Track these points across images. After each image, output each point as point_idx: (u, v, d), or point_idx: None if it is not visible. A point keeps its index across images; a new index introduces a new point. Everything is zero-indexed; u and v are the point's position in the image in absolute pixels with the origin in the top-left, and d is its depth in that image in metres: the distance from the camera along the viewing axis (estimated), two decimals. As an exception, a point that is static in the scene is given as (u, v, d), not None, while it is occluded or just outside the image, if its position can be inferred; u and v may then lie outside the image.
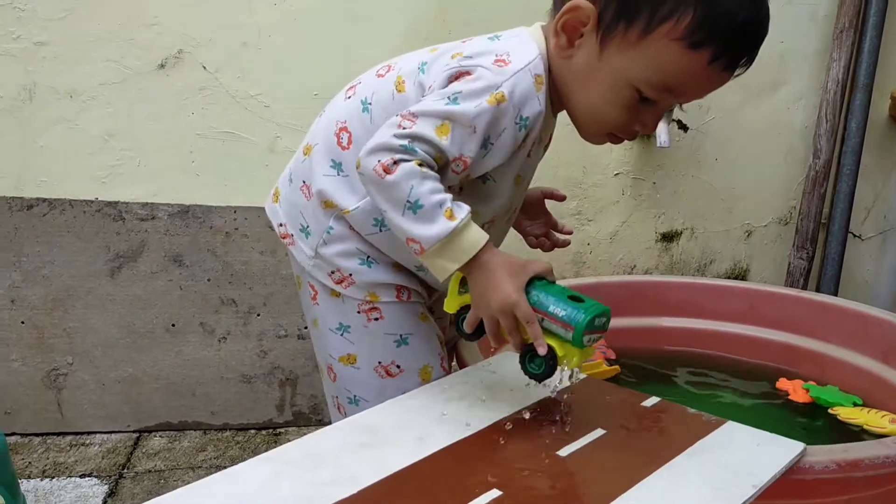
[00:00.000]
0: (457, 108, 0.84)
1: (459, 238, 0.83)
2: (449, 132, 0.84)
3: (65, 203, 1.54)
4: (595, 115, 0.91)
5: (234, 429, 1.68)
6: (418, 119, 0.84)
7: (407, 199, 0.82)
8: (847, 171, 1.83)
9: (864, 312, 1.41)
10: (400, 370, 1.01)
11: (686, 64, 0.83)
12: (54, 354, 1.59)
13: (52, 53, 1.49)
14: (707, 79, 0.86)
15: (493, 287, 0.84)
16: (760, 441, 0.80)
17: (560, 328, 0.81)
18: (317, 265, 1.01)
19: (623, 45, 0.84)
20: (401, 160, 0.82)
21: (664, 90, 0.86)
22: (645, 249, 1.84)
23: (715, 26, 0.82)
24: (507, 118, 0.86)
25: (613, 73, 0.86)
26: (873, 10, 1.76)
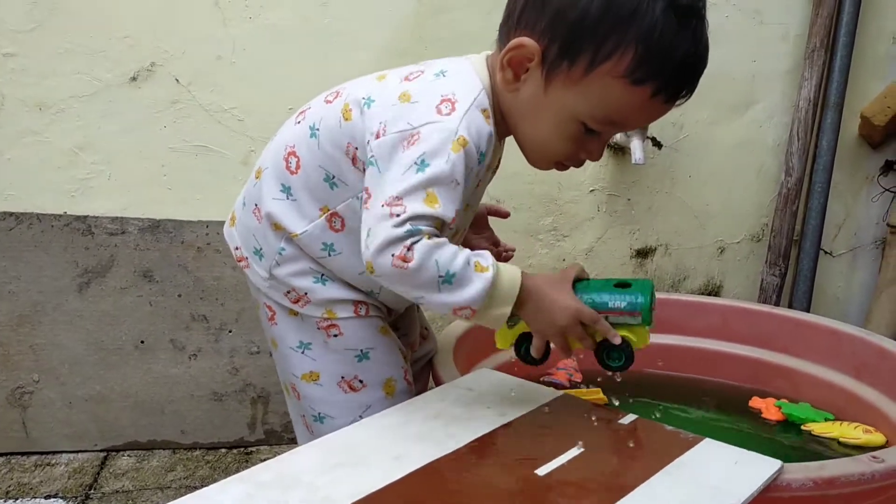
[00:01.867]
0: (433, 173, 0.83)
1: (500, 283, 0.85)
2: (438, 198, 0.83)
3: (32, 217, 1.51)
4: (542, 146, 0.93)
5: (205, 448, 1.65)
6: (405, 201, 0.83)
7: (438, 275, 0.82)
8: (818, 188, 1.85)
9: (836, 328, 1.42)
10: (363, 384, 1.02)
11: (629, 99, 0.85)
12: (20, 372, 1.55)
13: (21, 65, 1.46)
14: (649, 110, 0.88)
15: (549, 308, 0.88)
16: (738, 459, 0.80)
17: (626, 317, 0.88)
18: (272, 286, 1.02)
19: (567, 82, 0.86)
20: (412, 244, 0.81)
21: (608, 123, 0.89)
22: (620, 265, 1.84)
23: (656, 63, 0.83)
24: (472, 158, 0.86)
25: (559, 108, 0.88)
26: (844, 30, 1.78)
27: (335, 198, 0.95)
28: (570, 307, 0.87)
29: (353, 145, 0.92)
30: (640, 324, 0.89)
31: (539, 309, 0.88)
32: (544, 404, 0.93)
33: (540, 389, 0.99)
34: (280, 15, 1.54)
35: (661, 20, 0.82)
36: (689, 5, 0.84)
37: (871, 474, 0.85)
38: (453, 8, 1.61)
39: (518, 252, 1.72)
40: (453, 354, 1.20)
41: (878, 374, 1.32)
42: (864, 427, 1.25)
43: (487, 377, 1.03)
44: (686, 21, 0.84)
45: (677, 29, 0.83)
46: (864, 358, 1.35)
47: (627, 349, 0.89)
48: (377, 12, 1.58)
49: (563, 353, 0.91)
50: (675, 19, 0.82)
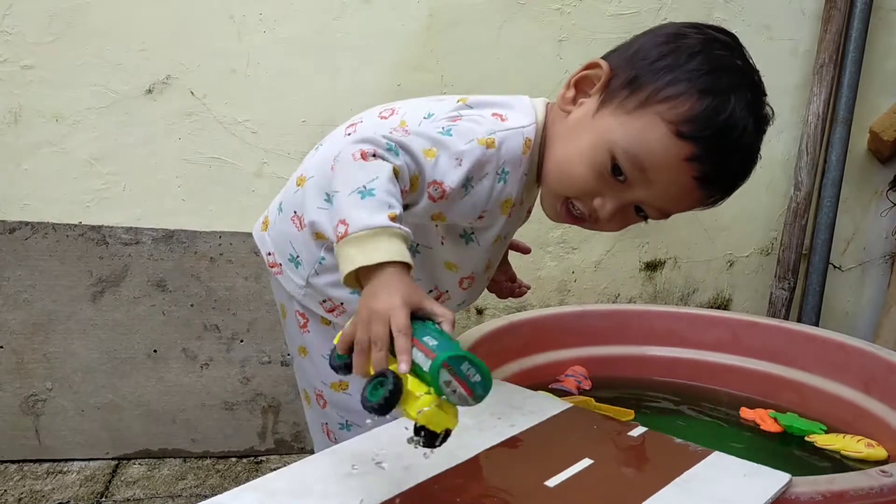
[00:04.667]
0: (448, 139, 0.85)
1: (384, 240, 0.75)
2: (434, 156, 0.84)
3: (48, 227, 1.53)
4: (563, 169, 0.90)
5: (215, 457, 1.66)
6: (410, 135, 0.84)
7: (364, 184, 0.77)
8: (827, 203, 1.86)
9: (845, 343, 1.42)
10: None
11: (666, 149, 0.83)
12: (33, 380, 1.57)
13: (39, 77, 1.48)
14: (676, 179, 0.85)
15: (381, 290, 0.73)
16: (747, 472, 0.80)
17: (423, 356, 0.68)
18: (308, 294, 1.02)
19: (619, 110, 0.86)
20: (380, 156, 0.79)
21: (636, 167, 0.85)
22: (629, 278, 1.85)
23: (705, 127, 0.82)
24: (490, 165, 0.87)
25: (598, 131, 0.87)
26: (852, 46, 1.79)
27: None
28: (393, 302, 0.71)
29: None
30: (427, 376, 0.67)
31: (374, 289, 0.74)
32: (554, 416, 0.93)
33: (549, 400, 1.00)
34: (294, 29, 1.56)
35: (726, 94, 0.82)
36: (755, 108, 0.85)
37: (881, 488, 0.85)
38: (465, 22, 1.62)
39: (527, 264, 1.74)
40: (463, 366, 1.20)
41: (887, 389, 1.32)
42: (866, 441, 1.25)
43: (497, 388, 1.03)
44: (747, 114, 0.84)
45: (739, 111, 0.83)
46: (872, 372, 1.35)
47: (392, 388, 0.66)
48: (390, 26, 1.60)
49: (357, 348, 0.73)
50: (740, 103, 0.83)
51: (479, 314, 1.76)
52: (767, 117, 0.88)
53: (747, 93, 0.84)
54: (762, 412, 1.37)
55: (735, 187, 0.89)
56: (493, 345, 1.37)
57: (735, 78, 0.84)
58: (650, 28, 0.93)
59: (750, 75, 0.87)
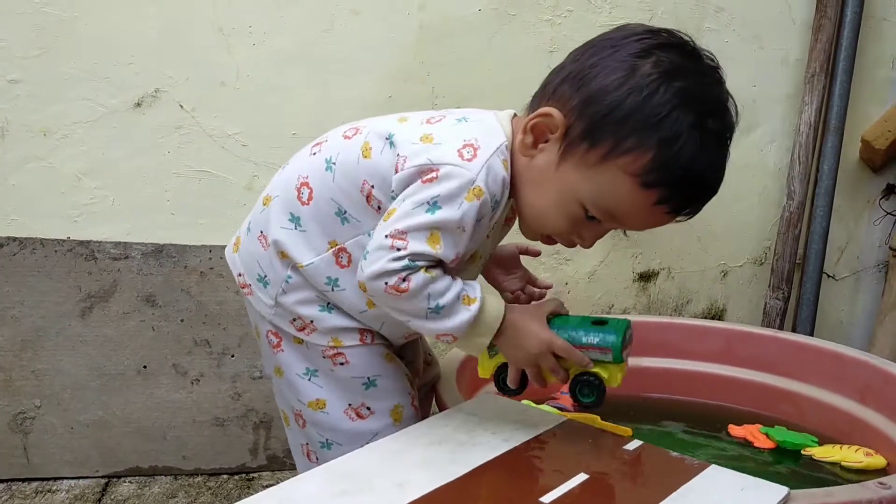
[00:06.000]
0: (442, 217, 0.85)
1: (483, 316, 0.89)
2: (440, 240, 0.86)
3: (35, 242, 1.51)
4: (539, 217, 0.93)
5: (206, 474, 1.64)
6: (408, 237, 0.85)
7: (427, 307, 0.87)
8: (820, 212, 1.86)
9: (839, 352, 1.42)
10: (371, 412, 1.02)
11: (634, 199, 0.86)
12: (21, 397, 1.55)
13: (26, 91, 1.47)
14: (650, 216, 0.89)
15: (524, 338, 0.91)
16: (744, 485, 0.79)
17: (597, 353, 0.90)
18: (277, 313, 1.02)
19: (581, 164, 0.87)
20: (408, 276, 0.86)
21: (608, 214, 0.89)
22: (623, 289, 1.84)
23: (669, 174, 0.84)
24: (486, 207, 0.88)
25: (566, 185, 0.89)
26: (843, 55, 1.80)
27: (345, 233, 0.96)
28: (543, 338, 0.91)
29: (370, 183, 0.92)
30: (612, 361, 0.91)
31: (515, 339, 0.91)
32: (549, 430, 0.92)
33: (544, 415, 0.99)
34: (283, 41, 1.55)
35: (684, 135, 0.83)
36: (716, 130, 0.86)
37: (879, 501, 0.84)
38: (455, 33, 1.62)
39: (521, 276, 1.73)
40: (456, 379, 1.19)
41: (883, 398, 1.32)
42: (864, 450, 1.25)
43: (491, 402, 1.02)
44: (709, 144, 0.85)
45: (699, 148, 0.84)
46: (868, 382, 1.35)
47: (600, 385, 0.92)
48: (380, 38, 1.59)
49: (536, 382, 0.94)
50: (699, 139, 0.84)
51: (473, 327, 1.75)
52: (732, 128, 0.89)
53: (709, 120, 0.85)
54: (752, 428, 1.36)
55: (705, 201, 0.92)
56: (486, 358, 1.36)
57: (695, 108, 0.84)
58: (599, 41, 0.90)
59: (710, 93, 0.88)
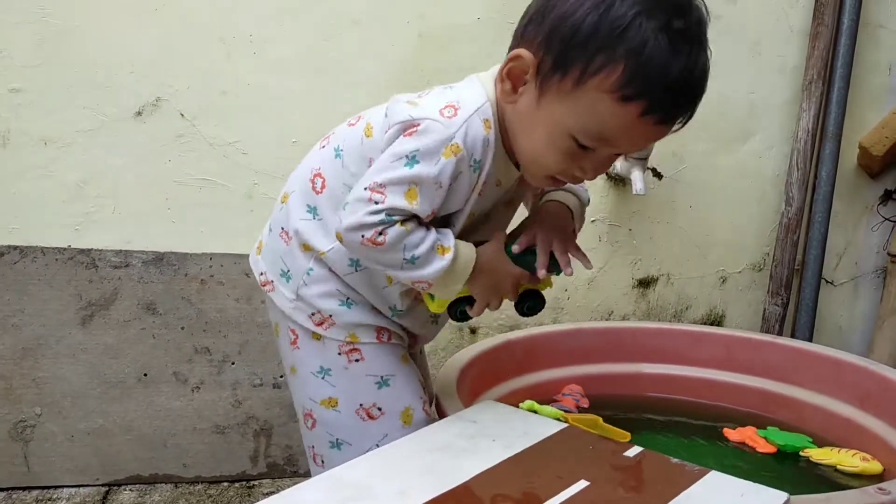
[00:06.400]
0: (419, 172, 0.88)
1: (456, 264, 0.94)
2: (417, 196, 0.89)
3: (36, 251, 1.52)
4: (536, 159, 0.94)
5: (207, 481, 1.64)
6: (387, 191, 0.89)
7: (403, 258, 0.91)
8: (819, 218, 1.86)
9: (838, 358, 1.42)
10: (381, 412, 1.02)
11: (617, 116, 0.85)
12: (22, 405, 1.55)
13: (28, 100, 1.48)
14: (641, 131, 0.88)
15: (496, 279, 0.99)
16: (744, 491, 0.79)
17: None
18: (297, 307, 1.03)
19: (559, 95, 0.87)
20: (384, 229, 0.89)
21: (599, 139, 0.88)
22: (622, 295, 1.85)
23: (645, 81, 0.83)
24: (463, 164, 0.90)
25: (551, 121, 0.89)
26: (840, 62, 1.81)
27: None
28: (514, 275, 1.00)
29: (375, 159, 0.94)
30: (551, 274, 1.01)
31: (488, 282, 0.98)
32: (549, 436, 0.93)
33: (545, 421, 0.99)
34: (283, 50, 1.56)
35: (651, 40, 0.82)
36: (682, 29, 0.84)
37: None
38: (454, 42, 1.63)
39: (520, 283, 1.74)
40: (457, 386, 1.19)
41: (882, 404, 1.32)
42: (861, 455, 1.25)
43: (492, 409, 1.02)
44: (680, 44, 0.83)
45: (669, 50, 0.83)
46: (867, 387, 1.35)
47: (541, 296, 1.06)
48: (380, 47, 1.60)
49: (493, 309, 1.02)
50: (668, 41, 0.82)
51: (473, 333, 1.75)
52: (703, 23, 0.86)
53: (674, 21, 0.83)
54: (749, 432, 1.36)
55: (699, 100, 0.90)
56: (487, 364, 1.36)
57: (657, 12, 0.83)
58: None
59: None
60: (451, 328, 1.73)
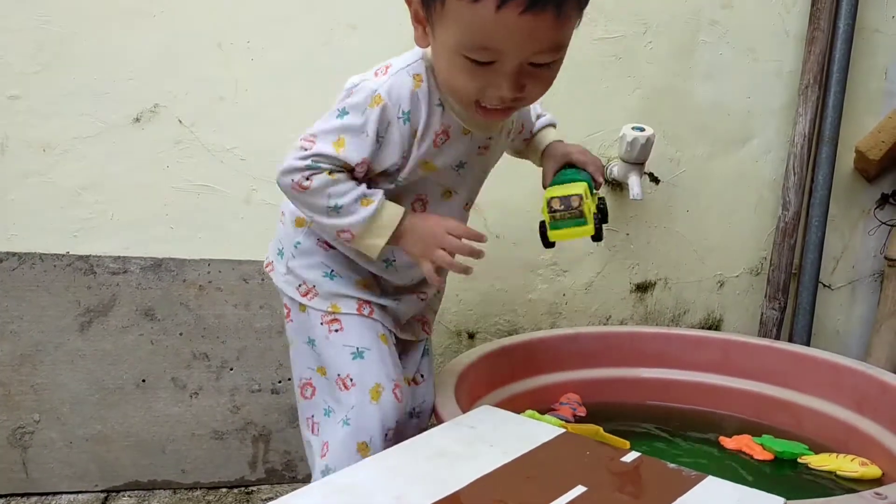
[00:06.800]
0: (347, 122, 0.97)
1: (379, 217, 1.00)
2: (346, 144, 0.97)
3: (35, 257, 1.52)
4: (452, 89, 0.97)
5: (205, 487, 1.64)
6: (317, 139, 0.99)
7: (327, 205, 0.99)
8: (816, 222, 1.86)
9: (836, 362, 1.43)
10: (353, 384, 1.06)
11: (477, 18, 0.85)
12: (20, 412, 1.55)
13: (26, 107, 1.48)
14: (514, 28, 0.85)
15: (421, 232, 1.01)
16: (740, 496, 0.80)
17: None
18: (287, 281, 1.11)
19: (440, 20, 0.90)
20: (311, 175, 0.98)
21: (483, 49, 0.88)
22: (620, 300, 1.85)
23: None
24: (389, 114, 0.98)
25: (444, 48, 0.92)
26: (836, 66, 1.81)
27: None
28: (444, 225, 1.01)
29: None
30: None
31: (413, 237, 1.02)
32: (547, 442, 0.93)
33: (542, 427, 0.99)
34: (282, 55, 1.56)
35: None
36: None
37: (875, 511, 0.84)
38: (452, 48, 1.63)
39: (517, 288, 1.74)
40: (455, 391, 1.20)
41: (879, 408, 1.32)
42: (860, 460, 1.25)
43: (489, 415, 1.03)
44: None
45: None
46: (865, 391, 1.36)
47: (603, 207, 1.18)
48: (377, 52, 1.59)
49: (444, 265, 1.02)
50: None
51: (471, 338, 1.75)
52: None
53: None
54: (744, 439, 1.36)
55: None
56: (484, 369, 1.36)
57: None
58: None
59: None
60: (448, 333, 1.73)
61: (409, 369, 1.21)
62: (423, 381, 1.24)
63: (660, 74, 1.77)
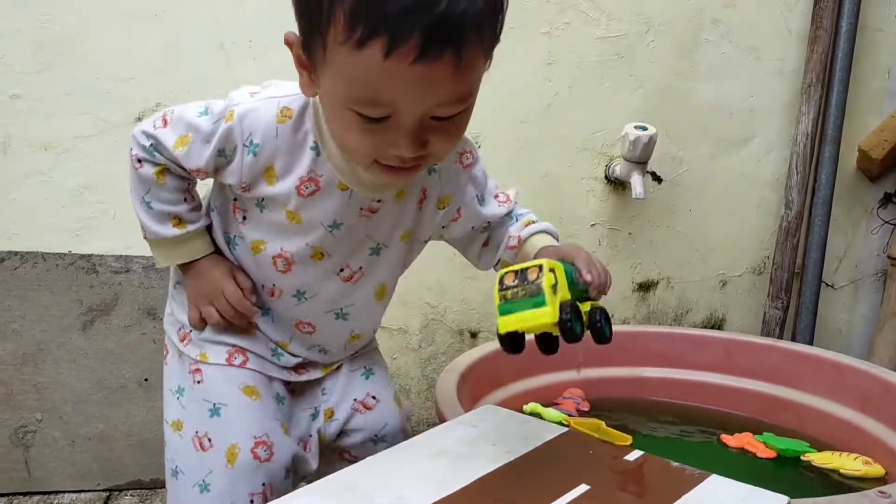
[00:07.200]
0: (201, 122, 0.88)
1: (179, 245, 0.96)
2: (187, 144, 0.89)
3: (37, 256, 1.52)
4: (342, 145, 0.84)
5: (208, 486, 1.64)
6: (169, 124, 0.90)
7: (142, 196, 0.94)
8: (818, 221, 1.86)
9: (839, 361, 1.42)
10: (210, 444, 0.94)
11: (362, 67, 0.71)
12: (23, 411, 1.55)
13: (28, 106, 1.48)
14: (407, 78, 0.71)
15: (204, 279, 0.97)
16: (745, 495, 0.79)
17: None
18: (169, 321, 1.05)
19: (324, 67, 0.76)
20: (145, 160, 0.92)
21: (374, 104, 0.74)
22: (622, 299, 1.85)
23: (370, 13, 0.69)
24: (236, 137, 0.87)
25: (330, 99, 0.79)
26: (839, 65, 1.81)
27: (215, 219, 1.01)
28: (221, 280, 0.95)
29: None
30: None
31: (196, 279, 0.98)
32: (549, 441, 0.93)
33: (545, 425, 0.99)
34: (284, 56, 1.53)
35: None
36: None
37: (879, 510, 0.84)
38: (454, 47, 1.63)
39: (520, 287, 1.73)
40: (457, 391, 1.19)
41: (883, 407, 1.32)
42: (863, 458, 1.25)
43: (492, 414, 1.02)
44: None
45: None
46: (868, 391, 1.35)
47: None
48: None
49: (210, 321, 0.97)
50: None
51: (473, 337, 1.75)
52: None
53: None
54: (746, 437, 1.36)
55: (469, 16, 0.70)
56: (487, 368, 1.36)
57: None
58: None
59: None
60: (450, 332, 1.73)
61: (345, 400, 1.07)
62: (377, 402, 1.09)
63: (662, 73, 1.77)
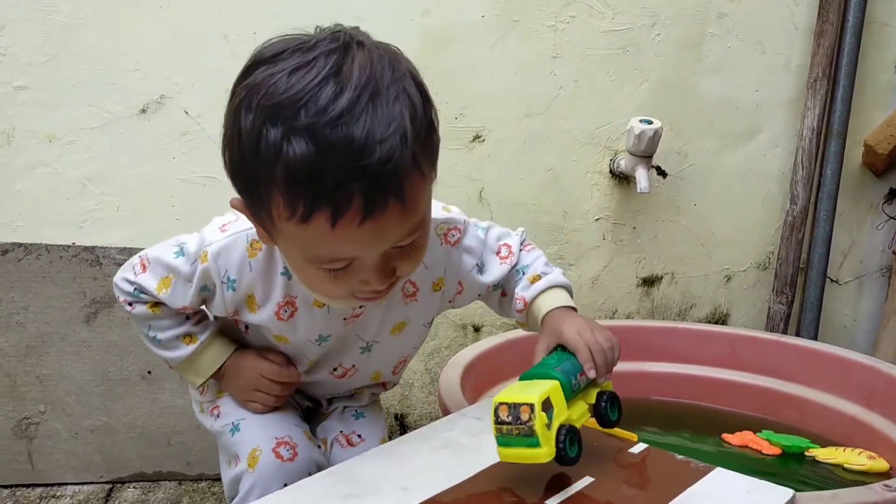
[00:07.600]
0: (178, 264, 0.91)
1: (200, 357, 0.98)
2: (170, 286, 0.92)
3: (41, 248, 1.52)
4: (312, 291, 0.85)
5: (210, 479, 1.64)
6: (148, 268, 0.93)
7: (147, 334, 0.98)
8: (823, 216, 1.86)
9: (844, 357, 1.42)
10: (238, 459, 0.98)
11: (314, 238, 0.73)
12: (26, 403, 1.55)
13: (32, 98, 1.48)
14: (357, 237, 0.72)
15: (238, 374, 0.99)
16: (750, 488, 0.79)
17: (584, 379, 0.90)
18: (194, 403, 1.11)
19: (275, 234, 0.78)
20: (133, 302, 0.96)
21: (333, 261, 0.76)
22: (626, 294, 1.84)
23: (306, 191, 0.70)
24: (213, 276, 0.89)
25: (288, 257, 0.82)
26: (845, 60, 1.80)
27: None
28: (254, 367, 0.98)
29: None
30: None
31: (237, 380, 1.00)
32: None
33: (548, 419, 0.99)
34: (288, 48, 1.55)
35: (286, 150, 0.69)
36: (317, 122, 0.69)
37: (884, 503, 0.84)
38: (458, 40, 1.63)
39: (524, 281, 1.73)
40: (461, 384, 1.19)
41: (887, 402, 1.32)
42: (868, 453, 1.25)
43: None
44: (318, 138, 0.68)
45: (309, 151, 0.68)
46: (872, 386, 1.35)
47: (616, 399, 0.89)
48: (383, 44, 1.60)
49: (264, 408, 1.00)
50: (305, 142, 0.69)
51: (476, 332, 1.75)
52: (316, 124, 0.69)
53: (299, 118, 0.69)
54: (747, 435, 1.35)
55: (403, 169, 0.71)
56: (491, 362, 1.36)
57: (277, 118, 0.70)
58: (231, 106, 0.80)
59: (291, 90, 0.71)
60: (454, 326, 1.73)
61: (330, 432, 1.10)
62: (361, 441, 1.10)
63: (667, 67, 1.76)
